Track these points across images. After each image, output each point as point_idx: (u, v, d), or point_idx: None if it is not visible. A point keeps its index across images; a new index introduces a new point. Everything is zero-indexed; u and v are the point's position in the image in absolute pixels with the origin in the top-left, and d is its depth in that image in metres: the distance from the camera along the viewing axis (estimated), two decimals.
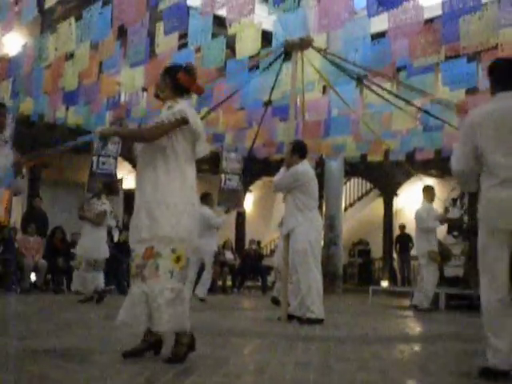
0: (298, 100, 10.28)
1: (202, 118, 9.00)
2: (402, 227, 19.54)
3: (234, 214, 20.71)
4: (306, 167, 7.96)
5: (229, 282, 16.90)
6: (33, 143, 15.50)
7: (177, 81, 4.56)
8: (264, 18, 9.33)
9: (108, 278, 13.98)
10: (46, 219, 14.86)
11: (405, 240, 19.19)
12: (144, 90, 13.12)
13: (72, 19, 9.51)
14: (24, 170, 15.72)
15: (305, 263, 7.64)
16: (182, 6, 8.48)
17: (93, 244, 10.55)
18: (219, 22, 9.46)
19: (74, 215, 16.31)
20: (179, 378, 3.70)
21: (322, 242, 10.42)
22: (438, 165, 18.01)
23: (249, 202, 22.28)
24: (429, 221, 11.24)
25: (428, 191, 11.56)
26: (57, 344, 5.12)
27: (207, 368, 4.09)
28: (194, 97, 11.68)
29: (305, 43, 8.78)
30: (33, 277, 13.49)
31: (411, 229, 18.39)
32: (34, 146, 15.42)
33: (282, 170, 8.14)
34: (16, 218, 15.88)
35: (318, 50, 9.27)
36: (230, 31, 9.26)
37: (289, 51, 8.97)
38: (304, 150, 8.11)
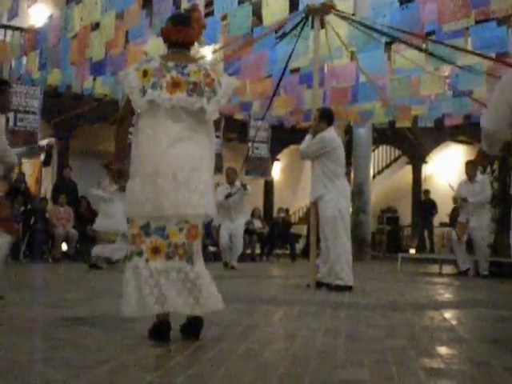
0: (326, 67, 10.20)
1: None
2: (426, 192, 19.40)
3: (262, 183, 20.72)
4: (332, 134, 7.90)
5: (257, 250, 16.96)
6: (60, 114, 15.59)
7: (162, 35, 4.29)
8: None
9: None
10: (76, 189, 14.99)
11: (428, 206, 19.04)
12: None
13: None
14: (52, 140, 15.89)
15: (334, 231, 7.63)
16: None
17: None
18: None
19: None
20: (209, 345, 3.73)
21: (351, 210, 10.38)
22: (468, 130, 17.79)
23: (276, 170, 22.27)
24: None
25: (466, 166, 11.39)
26: (88, 312, 5.19)
27: (237, 335, 4.12)
28: (221, 66, 11.71)
29: (326, 8, 8.64)
30: (64, 246, 13.66)
31: (437, 195, 18.31)
32: (62, 117, 15.53)
33: (308, 137, 8.09)
34: (46, 189, 16.04)
35: (340, 15, 9.13)
36: None
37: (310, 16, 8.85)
38: (331, 116, 8.05)
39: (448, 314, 5.68)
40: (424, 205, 19.26)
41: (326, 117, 7.97)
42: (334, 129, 8.13)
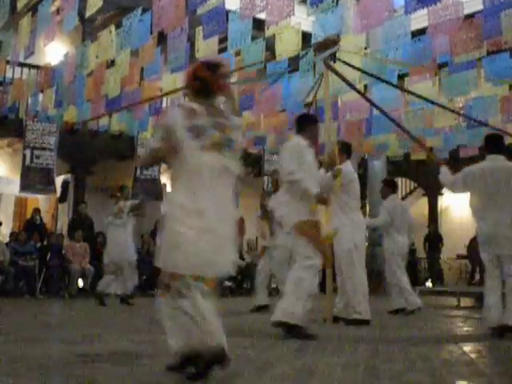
0: (340, 100, 10.24)
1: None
2: (431, 225, 19.32)
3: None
4: (348, 168, 7.93)
5: (274, 285, 16.85)
6: (77, 151, 15.71)
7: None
8: (303, 19, 9.32)
9: (153, 282, 14.12)
10: (92, 225, 15.03)
11: (434, 238, 18.91)
12: (185, 95, 13.20)
13: (112, 27, 9.63)
14: (69, 176, 16.01)
15: (350, 264, 7.59)
16: (221, 10, 8.51)
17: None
18: (258, 25, 9.48)
19: None
20: (226, 381, 3.70)
21: (366, 243, 10.31)
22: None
23: None
24: None
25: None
26: (105, 349, 5.17)
27: (254, 371, 4.08)
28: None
29: (330, 43, 8.75)
30: (80, 282, 13.65)
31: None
32: (78, 154, 15.66)
33: (321, 171, 8.11)
34: (62, 225, 16.09)
35: (344, 50, 9.25)
36: (269, 33, 9.27)
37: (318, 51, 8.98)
38: (350, 150, 8.18)
39: (467, 348, 5.61)
40: (430, 237, 19.14)
41: (347, 150, 8.04)
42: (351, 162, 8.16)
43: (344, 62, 9.68)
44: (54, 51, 14.29)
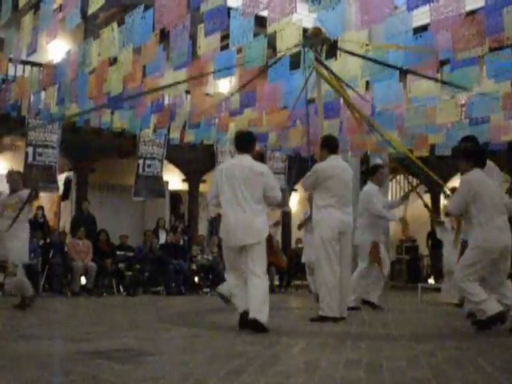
0: (342, 98, 10.26)
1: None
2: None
3: (279, 214, 20.66)
4: (328, 163, 7.71)
5: (276, 282, 16.88)
6: (79, 148, 15.74)
7: None
8: (305, 16, 9.32)
9: (156, 279, 14.16)
10: (95, 222, 15.05)
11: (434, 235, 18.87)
12: (187, 92, 13.21)
13: (114, 24, 9.63)
14: (71, 174, 16.08)
15: (317, 261, 7.55)
16: (223, 8, 8.51)
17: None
18: (260, 22, 9.48)
19: (122, 217, 16.51)
20: (229, 378, 3.71)
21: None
22: (486, 158, 17.68)
23: (294, 201, 22.21)
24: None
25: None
26: (108, 346, 5.18)
27: (257, 368, 4.09)
28: (237, 98, 11.83)
29: (314, 33, 8.78)
30: (83, 280, 13.66)
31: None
32: (81, 151, 15.69)
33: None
34: (65, 222, 16.12)
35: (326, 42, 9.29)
36: (270, 30, 9.26)
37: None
38: (332, 144, 7.93)
39: (469, 344, 5.62)
40: (433, 234, 19.08)
41: (327, 144, 7.91)
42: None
43: (347, 52, 9.69)
44: (57, 49, 14.31)
